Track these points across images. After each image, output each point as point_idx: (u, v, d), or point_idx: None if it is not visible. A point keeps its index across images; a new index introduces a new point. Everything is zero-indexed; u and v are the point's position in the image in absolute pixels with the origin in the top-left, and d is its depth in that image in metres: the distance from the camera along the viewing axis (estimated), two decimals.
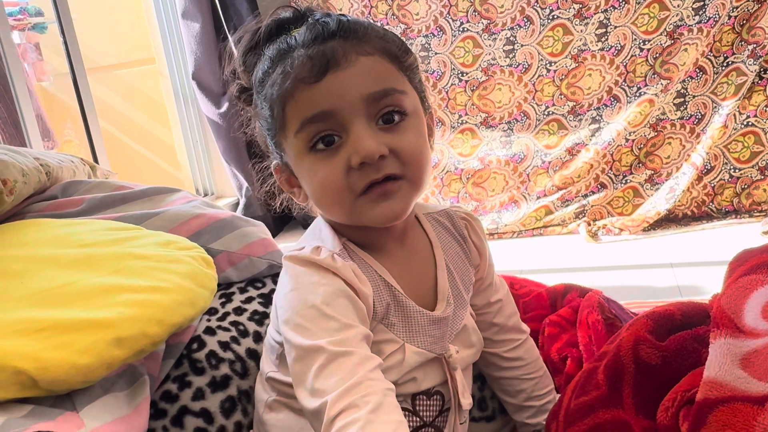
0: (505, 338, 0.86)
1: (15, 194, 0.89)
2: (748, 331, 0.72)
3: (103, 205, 0.98)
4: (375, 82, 0.63)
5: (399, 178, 0.64)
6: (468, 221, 0.81)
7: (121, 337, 0.65)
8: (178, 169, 2.87)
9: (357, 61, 0.62)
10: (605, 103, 2.24)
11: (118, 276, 0.72)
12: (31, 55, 2.77)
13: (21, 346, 0.61)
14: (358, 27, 0.65)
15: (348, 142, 0.63)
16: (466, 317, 0.78)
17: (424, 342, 0.71)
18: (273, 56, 0.66)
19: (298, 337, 0.61)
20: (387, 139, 0.63)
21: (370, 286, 0.67)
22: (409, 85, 0.68)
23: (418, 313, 0.71)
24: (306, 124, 0.63)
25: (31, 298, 0.67)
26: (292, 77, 0.63)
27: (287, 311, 0.64)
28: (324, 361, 0.59)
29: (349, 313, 0.63)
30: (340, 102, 0.62)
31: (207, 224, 0.97)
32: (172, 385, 0.82)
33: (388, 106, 0.64)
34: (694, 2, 2.07)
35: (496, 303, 0.84)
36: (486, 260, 0.82)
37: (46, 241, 0.79)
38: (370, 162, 0.62)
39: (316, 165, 0.64)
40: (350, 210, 0.65)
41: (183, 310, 0.73)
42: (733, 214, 2.17)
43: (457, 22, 2.29)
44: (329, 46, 0.63)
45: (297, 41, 0.65)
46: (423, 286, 0.74)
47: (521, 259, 2.10)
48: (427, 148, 0.68)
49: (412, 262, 0.74)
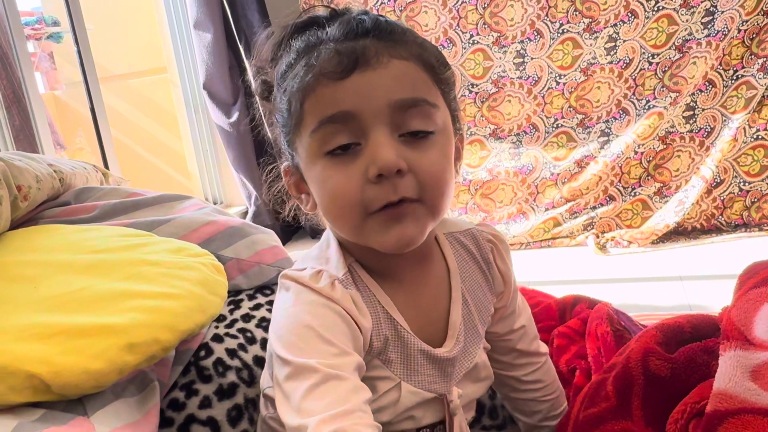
0: (525, 362, 0.81)
1: (29, 200, 0.90)
2: (759, 344, 0.72)
3: (116, 212, 0.99)
4: (405, 89, 0.58)
5: (415, 201, 0.59)
6: (495, 244, 0.74)
7: (133, 343, 0.65)
8: (188, 178, 2.89)
9: (389, 64, 0.58)
10: (614, 116, 2.25)
11: (130, 282, 0.73)
12: (44, 64, 2.80)
13: (34, 350, 0.61)
14: (396, 29, 0.61)
15: (366, 149, 0.57)
16: (478, 354, 0.72)
17: (423, 381, 0.66)
18: (300, 48, 0.62)
19: (290, 354, 0.57)
20: (408, 154, 0.58)
21: (370, 319, 0.63)
22: (442, 99, 0.62)
23: (419, 351, 0.65)
24: (324, 124, 0.58)
25: (44, 302, 0.68)
26: (315, 70, 0.58)
27: (282, 327, 0.59)
28: (317, 381, 0.54)
29: (346, 340, 0.59)
30: (363, 104, 0.57)
31: (218, 231, 0.97)
32: (180, 393, 0.82)
33: (415, 118, 0.58)
34: (703, 16, 2.08)
35: (519, 330, 0.79)
36: (510, 287, 0.76)
37: (59, 246, 0.80)
38: (386, 175, 0.56)
39: (328, 170, 0.59)
40: (358, 228, 0.60)
41: (194, 316, 0.73)
42: (742, 228, 2.16)
43: (467, 34, 2.30)
44: (361, 43, 0.58)
45: (328, 35, 0.60)
46: (433, 319, 0.69)
47: (529, 271, 2.10)
48: (451, 171, 0.62)
49: (424, 291, 0.68)
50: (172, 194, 1.07)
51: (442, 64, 0.63)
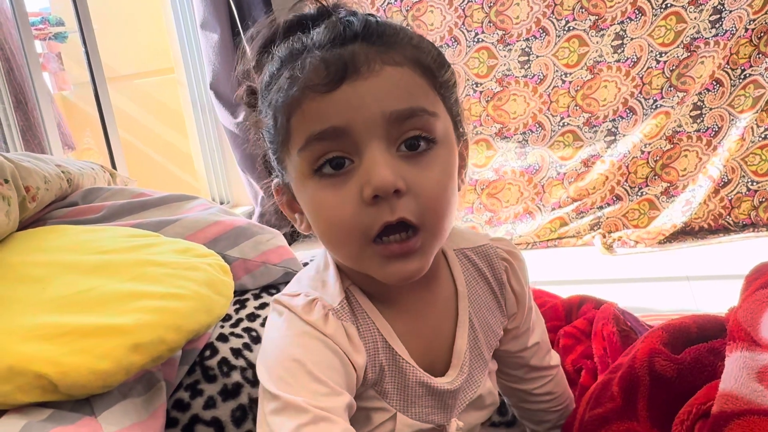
0: (537, 376, 0.78)
1: (37, 201, 0.90)
2: (765, 345, 0.71)
3: (123, 212, 1.00)
4: (401, 99, 0.52)
5: (415, 227, 0.53)
6: (509, 263, 0.69)
7: (140, 343, 0.66)
8: (194, 177, 2.90)
9: (381, 71, 0.52)
10: (621, 114, 2.24)
11: (137, 282, 0.73)
12: (52, 65, 2.82)
13: (42, 351, 0.62)
14: (388, 30, 0.54)
15: (361, 168, 0.52)
16: (482, 383, 0.68)
17: (421, 413, 0.62)
18: (284, 57, 0.56)
19: (277, 389, 0.53)
20: (407, 172, 0.52)
21: (365, 354, 0.59)
22: (442, 105, 0.57)
23: (417, 383, 0.61)
24: (312, 141, 0.52)
25: (51, 303, 0.68)
26: (300, 83, 0.52)
27: (269, 358, 0.55)
28: (306, 421, 0.51)
29: (337, 377, 0.55)
30: (355, 118, 0.51)
31: (224, 231, 0.98)
32: (184, 394, 0.83)
33: (413, 130, 0.53)
34: (711, 15, 2.07)
35: (532, 347, 0.75)
36: (524, 308, 0.71)
37: (67, 247, 0.81)
38: (383, 195, 0.51)
39: (321, 193, 0.54)
40: (358, 256, 0.55)
41: (200, 317, 0.74)
42: (750, 228, 2.15)
43: (471, 32, 2.30)
44: (349, 49, 0.52)
45: (312, 41, 0.54)
46: (436, 346, 0.64)
47: (536, 271, 2.08)
48: (453, 188, 0.56)
49: (428, 316, 0.63)
50: (179, 194, 1.08)
51: (441, 65, 0.57)
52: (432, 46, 0.58)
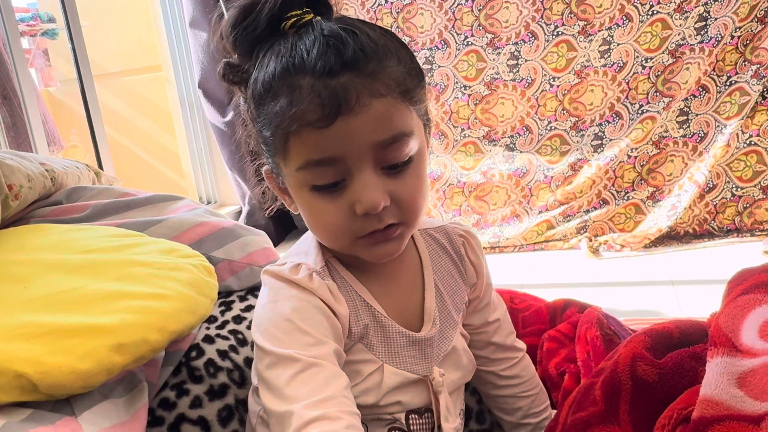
0: (502, 357, 0.84)
1: (20, 199, 0.89)
2: (745, 350, 0.72)
3: (107, 212, 0.99)
4: (385, 129, 0.60)
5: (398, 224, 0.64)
6: (466, 239, 0.79)
7: (122, 344, 0.65)
8: (181, 176, 2.88)
9: (369, 106, 0.58)
10: (607, 119, 2.25)
11: (121, 282, 0.73)
12: (39, 61, 2.79)
13: (23, 350, 0.61)
14: (374, 58, 0.59)
15: (352, 186, 0.61)
16: (455, 338, 0.76)
17: (404, 363, 0.70)
18: (276, 73, 0.60)
19: (270, 345, 0.61)
20: (390, 186, 0.62)
21: (347, 307, 0.67)
22: (416, 118, 0.64)
23: (398, 333, 0.70)
24: (310, 166, 0.61)
25: (33, 302, 0.68)
26: (299, 118, 0.58)
27: (263, 321, 0.64)
28: (298, 369, 0.59)
29: (323, 329, 0.63)
30: (348, 149, 0.59)
31: (209, 232, 0.97)
32: (170, 393, 0.82)
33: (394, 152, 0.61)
34: (696, 22, 2.08)
35: (494, 323, 0.83)
36: (483, 279, 0.81)
37: (50, 246, 0.80)
38: (372, 213, 0.61)
39: (317, 202, 0.63)
40: (347, 247, 0.66)
41: (184, 317, 0.73)
42: (734, 233, 2.17)
43: (461, 35, 2.31)
44: (342, 83, 0.58)
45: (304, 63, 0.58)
46: (408, 307, 0.73)
47: (522, 274, 2.10)
48: (426, 187, 0.66)
49: (398, 281, 0.73)
50: (165, 195, 1.07)
51: (418, 80, 0.64)
52: (410, 56, 0.64)
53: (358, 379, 0.67)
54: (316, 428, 0.55)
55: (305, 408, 0.56)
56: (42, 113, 2.05)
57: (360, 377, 0.67)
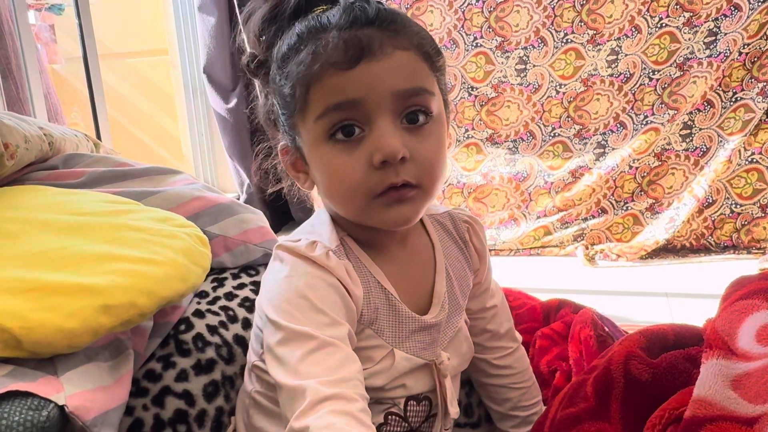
0: (497, 345, 0.85)
1: (16, 159, 0.88)
2: (741, 354, 0.71)
3: (104, 180, 0.98)
4: (407, 79, 0.61)
5: (415, 186, 0.63)
6: (470, 225, 0.79)
7: (110, 305, 0.64)
8: (181, 161, 2.87)
9: (392, 54, 0.60)
10: (611, 128, 2.25)
11: (112, 245, 0.71)
12: (44, 35, 2.78)
13: (8, 304, 0.60)
14: (397, 18, 0.63)
15: (371, 136, 0.61)
16: (460, 323, 0.77)
17: (414, 348, 0.70)
18: (302, 33, 0.63)
19: (284, 320, 0.60)
20: (409, 142, 0.61)
21: (362, 288, 0.66)
22: (437, 86, 0.66)
23: (408, 318, 0.69)
24: (330, 111, 0.61)
25: (22, 259, 0.66)
26: (323, 60, 0.60)
27: (276, 295, 0.62)
28: (313, 347, 0.58)
29: (338, 310, 0.62)
30: (369, 93, 0.60)
31: (206, 207, 0.96)
32: (156, 365, 0.81)
33: (415, 105, 0.62)
34: (705, 36, 2.08)
35: (491, 309, 0.84)
36: (486, 265, 0.81)
37: (43, 206, 0.79)
38: (391, 162, 0.60)
39: (334, 156, 0.62)
40: (362, 209, 0.64)
41: (174, 284, 0.72)
42: (731, 250, 2.16)
43: (470, 36, 2.30)
44: (366, 33, 0.60)
45: (331, 22, 0.61)
46: (419, 290, 0.73)
47: (517, 278, 2.09)
48: (445, 156, 0.66)
49: (411, 264, 0.73)
50: (163, 167, 1.06)
51: (437, 52, 0.66)
52: (429, 35, 0.67)
53: (369, 364, 0.67)
54: (332, 405, 0.54)
55: (320, 384, 0.55)
56: (45, 87, 2.04)
57: (372, 362, 0.67)
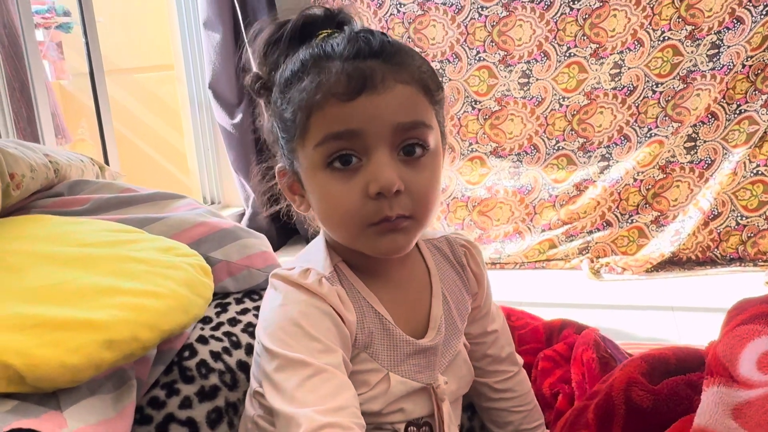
0: (498, 369, 0.85)
1: (22, 189, 0.89)
2: (742, 381, 0.71)
3: (108, 206, 0.99)
4: (407, 113, 0.62)
5: (408, 217, 0.64)
6: (467, 249, 0.80)
7: (113, 340, 0.64)
8: (186, 175, 2.89)
9: (394, 88, 0.61)
10: (615, 141, 2.25)
11: (115, 278, 0.72)
12: (51, 53, 2.80)
13: (12, 341, 0.60)
14: (401, 52, 0.64)
15: (368, 167, 0.62)
16: (459, 347, 0.77)
17: (409, 371, 0.70)
18: (306, 60, 0.64)
19: (279, 348, 0.61)
20: (405, 174, 0.63)
21: (355, 313, 0.67)
22: (435, 120, 0.67)
23: (403, 341, 0.70)
24: (329, 139, 0.62)
25: (26, 293, 0.67)
26: (325, 89, 0.61)
27: (271, 324, 0.64)
28: (309, 373, 0.59)
29: (332, 337, 0.63)
30: (369, 125, 0.61)
31: (209, 233, 0.97)
32: (160, 392, 0.81)
33: (413, 138, 0.63)
34: (708, 49, 2.09)
35: (492, 333, 0.84)
36: (484, 289, 0.82)
37: (47, 237, 0.80)
38: (386, 194, 0.61)
39: (331, 183, 0.63)
40: (356, 236, 0.65)
41: (176, 316, 0.73)
42: (737, 262, 2.16)
43: (473, 50, 2.31)
44: (369, 65, 0.61)
45: (335, 51, 0.63)
46: (415, 314, 0.73)
47: (522, 291, 2.09)
48: (439, 188, 0.67)
49: (406, 288, 0.73)
50: (167, 192, 1.07)
51: (438, 86, 0.67)
52: (431, 68, 0.68)
53: (365, 388, 0.67)
54: None
55: (316, 413, 0.56)
56: (52, 105, 2.06)
57: (367, 387, 0.68)
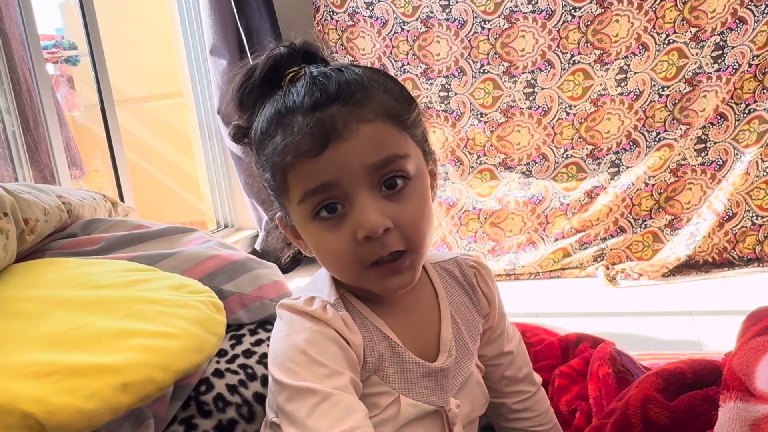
0: (516, 390, 0.84)
1: (36, 233, 0.91)
2: (759, 395, 0.70)
3: (121, 244, 1.00)
4: (376, 151, 0.62)
5: (404, 251, 0.64)
6: (477, 270, 0.80)
7: (128, 383, 0.66)
8: (200, 200, 2.92)
9: (358, 131, 0.61)
10: (624, 147, 2.24)
11: (129, 320, 0.73)
12: (63, 88, 2.86)
13: (30, 389, 0.62)
14: (358, 89, 0.63)
15: (352, 213, 0.62)
16: (471, 368, 0.77)
17: (420, 394, 0.70)
18: (270, 118, 0.64)
19: (286, 378, 0.62)
20: (390, 210, 0.62)
21: (361, 337, 0.68)
22: (411, 142, 0.66)
23: (414, 364, 0.70)
24: (309, 195, 0.62)
25: (42, 340, 0.68)
26: (293, 150, 0.61)
27: (279, 355, 0.65)
28: (317, 400, 0.60)
29: (339, 360, 0.64)
30: (341, 173, 0.61)
31: (221, 266, 0.98)
32: (179, 428, 0.82)
33: (390, 172, 0.63)
34: (713, 50, 2.08)
35: (507, 354, 0.83)
36: (496, 309, 0.81)
37: (62, 281, 0.81)
38: (374, 237, 0.61)
39: (321, 233, 0.64)
40: (358, 278, 0.66)
41: (190, 356, 0.74)
42: (755, 262, 2.13)
43: (477, 63, 2.32)
44: (329, 114, 0.61)
45: (295, 102, 0.62)
46: (425, 337, 0.73)
47: (538, 302, 2.08)
48: (429, 211, 0.67)
49: (414, 312, 0.73)
50: (178, 227, 1.09)
51: (407, 105, 0.66)
52: (397, 86, 0.67)
53: (376, 411, 0.68)
54: None
55: None
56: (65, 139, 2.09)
57: (378, 409, 0.68)
